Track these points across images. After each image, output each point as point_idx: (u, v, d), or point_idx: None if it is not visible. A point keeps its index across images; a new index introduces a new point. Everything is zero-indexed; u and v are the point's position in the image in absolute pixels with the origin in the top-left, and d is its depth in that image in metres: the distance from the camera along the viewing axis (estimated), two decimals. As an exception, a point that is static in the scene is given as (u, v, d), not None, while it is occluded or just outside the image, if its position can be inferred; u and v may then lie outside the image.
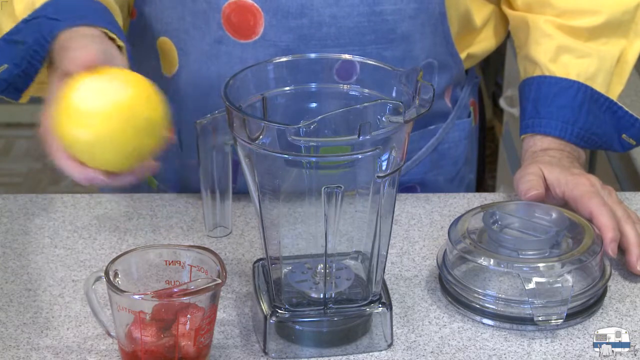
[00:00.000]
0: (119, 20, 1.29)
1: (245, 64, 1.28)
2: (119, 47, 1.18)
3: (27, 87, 1.23)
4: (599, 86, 1.35)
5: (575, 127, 1.34)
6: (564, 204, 1.28)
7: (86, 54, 1.09)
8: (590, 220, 1.23)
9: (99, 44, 1.13)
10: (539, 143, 1.35)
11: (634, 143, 1.38)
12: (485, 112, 1.59)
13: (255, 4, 1.28)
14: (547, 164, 1.30)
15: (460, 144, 1.46)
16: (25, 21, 1.21)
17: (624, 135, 1.37)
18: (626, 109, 1.36)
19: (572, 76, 1.34)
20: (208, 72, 1.32)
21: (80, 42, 1.12)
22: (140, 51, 1.37)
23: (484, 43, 1.42)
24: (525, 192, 1.28)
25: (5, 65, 1.22)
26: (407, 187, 1.42)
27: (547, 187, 1.29)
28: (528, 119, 1.36)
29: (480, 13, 1.40)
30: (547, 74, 1.35)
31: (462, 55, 1.39)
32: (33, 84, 1.23)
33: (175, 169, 1.41)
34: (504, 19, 1.45)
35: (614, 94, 1.37)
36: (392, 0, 1.29)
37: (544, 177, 1.29)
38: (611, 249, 1.21)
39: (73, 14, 1.19)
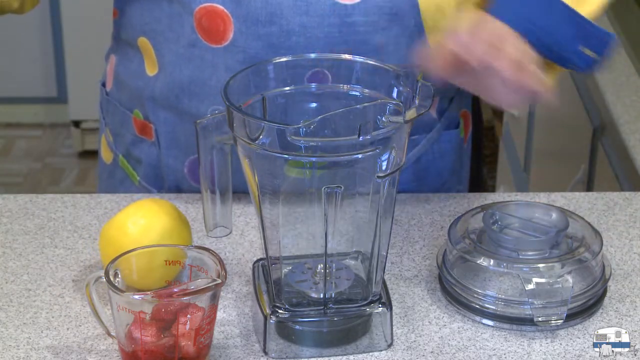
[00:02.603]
0: None
1: (216, 69, 1.29)
2: None
3: None
4: None
5: (530, 24, 1.20)
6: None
7: None
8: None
9: None
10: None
11: (595, 56, 1.23)
12: (482, 121, 1.57)
13: (225, 10, 1.27)
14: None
15: (447, 156, 1.43)
16: None
17: (582, 47, 1.23)
18: (587, 19, 1.22)
19: None
20: (181, 75, 1.32)
21: None
22: (126, 49, 1.38)
23: None
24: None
25: None
26: None
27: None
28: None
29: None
30: None
31: None
32: None
33: (153, 165, 1.42)
34: None
35: (585, 10, 1.23)
36: (364, 12, 1.26)
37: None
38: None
39: None
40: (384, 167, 1.04)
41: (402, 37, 1.30)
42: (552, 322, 1.13)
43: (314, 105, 1.12)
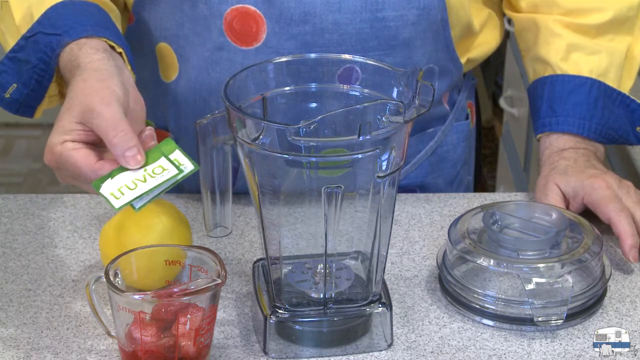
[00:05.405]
0: (116, 19, 1.29)
1: None
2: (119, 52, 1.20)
3: (39, 104, 1.24)
4: (611, 81, 1.36)
5: (592, 123, 1.35)
6: (586, 208, 1.28)
7: (120, 113, 1.09)
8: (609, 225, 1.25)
9: (121, 83, 1.12)
10: (555, 143, 1.36)
11: None
12: (482, 113, 1.59)
13: (258, 11, 1.27)
14: (562, 174, 1.31)
15: (459, 147, 1.46)
16: (25, 38, 1.22)
17: (638, 128, 1.38)
18: (639, 101, 1.37)
19: (585, 73, 1.35)
20: (208, 79, 1.32)
21: (108, 87, 1.11)
22: (138, 57, 1.37)
23: (481, 47, 1.42)
24: None
25: (15, 85, 1.23)
26: (406, 190, 1.43)
27: (567, 200, 1.31)
28: (544, 118, 1.37)
29: (478, 17, 1.40)
30: (559, 72, 1.36)
31: (463, 60, 1.39)
32: (44, 99, 1.24)
33: None
34: (499, 23, 1.45)
35: (625, 88, 1.38)
36: (395, 6, 1.29)
37: (562, 191, 1.30)
38: (632, 256, 1.22)
39: (70, 24, 1.19)
40: (384, 167, 1.04)
41: (428, 32, 1.32)
42: (552, 322, 1.13)
43: (314, 105, 1.12)
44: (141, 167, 1.07)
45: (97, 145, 1.10)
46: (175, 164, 1.07)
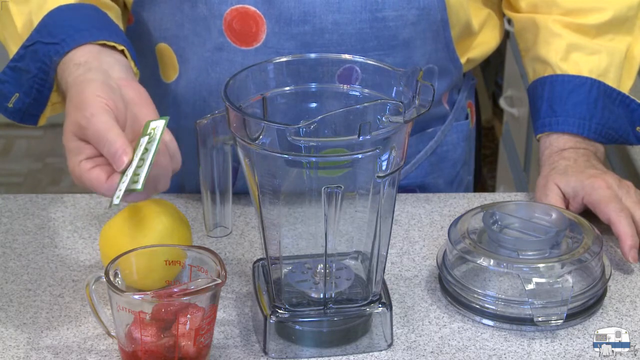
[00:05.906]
0: (117, 17, 1.29)
1: None
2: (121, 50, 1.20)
3: (42, 113, 1.25)
4: (610, 81, 1.36)
5: (592, 123, 1.35)
6: (586, 208, 1.28)
7: (103, 122, 1.08)
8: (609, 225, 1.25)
9: (101, 85, 1.12)
10: (555, 143, 1.36)
11: None
12: (481, 113, 1.60)
13: (258, 11, 1.28)
14: (562, 174, 1.31)
15: (459, 146, 1.46)
16: (25, 47, 1.22)
17: (638, 128, 1.38)
18: (639, 101, 1.37)
19: (585, 73, 1.35)
20: (208, 79, 1.32)
21: (86, 99, 1.10)
22: (138, 57, 1.37)
23: (481, 47, 1.43)
24: None
25: (17, 95, 1.23)
26: (406, 190, 1.43)
27: (567, 200, 1.31)
28: (544, 118, 1.37)
29: (477, 17, 1.40)
30: (559, 72, 1.36)
31: (463, 60, 1.39)
32: (47, 107, 1.24)
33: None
34: (499, 23, 1.45)
35: (625, 88, 1.38)
36: (394, 6, 1.29)
37: (562, 191, 1.30)
38: (631, 257, 1.22)
39: (67, 32, 1.19)
40: (384, 167, 1.04)
41: (428, 32, 1.32)
42: (552, 322, 1.13)
43: (314, 105, 1.13)
44: (132, 160, 1.07)
45: None
46: (149, 134, 1.08)
